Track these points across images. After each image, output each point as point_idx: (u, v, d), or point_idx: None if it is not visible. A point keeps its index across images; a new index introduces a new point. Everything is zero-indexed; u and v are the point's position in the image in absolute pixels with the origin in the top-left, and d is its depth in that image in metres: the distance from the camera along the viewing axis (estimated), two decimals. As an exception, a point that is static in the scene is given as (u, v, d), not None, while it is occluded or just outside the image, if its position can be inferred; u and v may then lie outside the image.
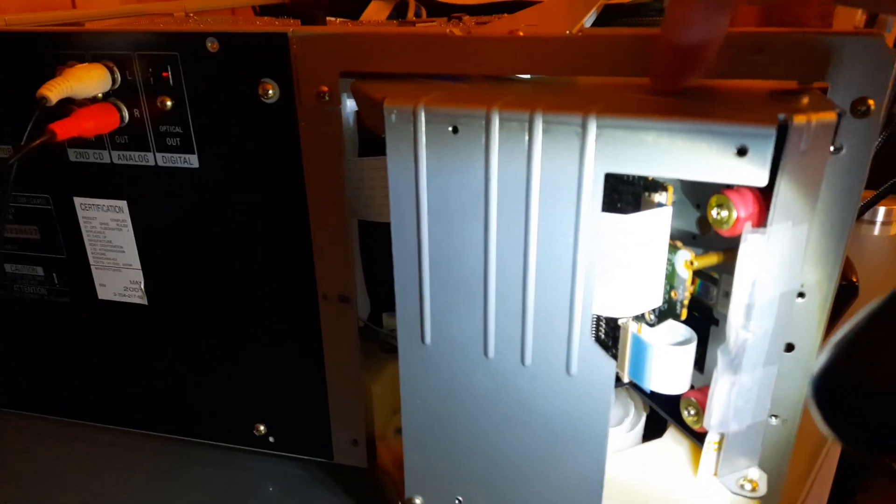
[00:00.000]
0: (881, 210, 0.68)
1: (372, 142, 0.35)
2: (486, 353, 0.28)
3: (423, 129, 0.26)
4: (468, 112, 0.25)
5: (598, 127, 0.23)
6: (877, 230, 0.69)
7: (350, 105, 0.35)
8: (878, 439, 0.20)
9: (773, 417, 0.29)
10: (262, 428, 0.40)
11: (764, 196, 0.23)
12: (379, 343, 0.42)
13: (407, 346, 0.30)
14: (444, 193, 0.26)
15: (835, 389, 0.20)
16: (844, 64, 0.24)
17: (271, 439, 0.40)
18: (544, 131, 0.24)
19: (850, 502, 0.79)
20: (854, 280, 0.43)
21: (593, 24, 0.43)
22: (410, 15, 0.59)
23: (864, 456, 0.23)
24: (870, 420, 0.20)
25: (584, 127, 0.23)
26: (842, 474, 0.51)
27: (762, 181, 0.21)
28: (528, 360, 0.28)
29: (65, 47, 0.33)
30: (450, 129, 0.25)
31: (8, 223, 0.39)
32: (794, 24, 0.29)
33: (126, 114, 0.34)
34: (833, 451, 0.43)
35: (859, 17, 0.60)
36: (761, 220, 0.23)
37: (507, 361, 0.28)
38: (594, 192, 0.24)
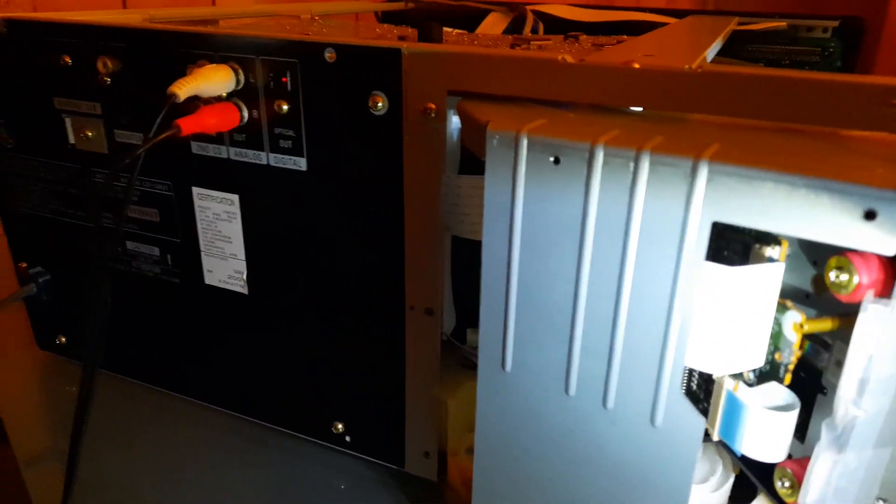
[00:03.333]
0: None
1: (473, 160, 0.35)
2: (567, 389, 0.27)
3: (524, 155, 0.25)
4: (572, 144, 0.24)
5: (710, 172, 0.22)
6: None
7: (455, 122, 0.35)
8: None
9: (881, 501, 0.26)
10: (340, 426, 0.41)
11: (891, 263, 0.21)
12: (460, 359, 0.42)
13: (487, 369, 0.30)
14: (538, 222, 0.26)
15: None
16: None
17: (347, 438, 0.41)
18: (650, 171, 0.23)
19: None
20: None
21: (719, 52, 0.40)
22: (527, 30, 0.59)
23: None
24: None
25: (693, 171, 0.22)
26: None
27: (891, 251, 0.19)
28: (611, 403, 0.26)
29: (197, 47, 0.36)
30: (551, 159, 0.25)
31: (133, 204, 0.42)
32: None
33: (245, 114, 0.36)
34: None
35: None
36: (886, 290, 0.21)
37: (588, 401, 0.27)
38: (698, 239, 0.22)
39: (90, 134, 0.41)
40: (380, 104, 0.32)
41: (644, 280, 0.24)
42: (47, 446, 0.44)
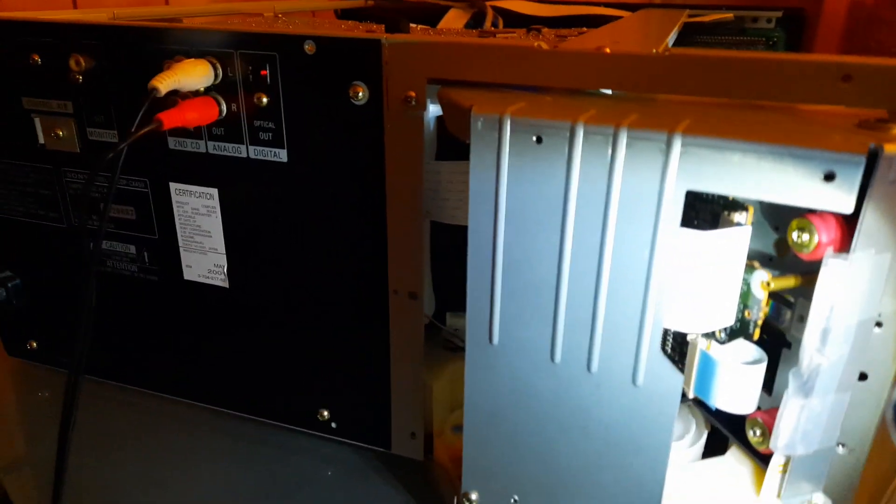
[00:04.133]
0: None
1: (450, 147, 0.36)
2: (552, 357, 0.29)
3: (508, 137, 0.27)
4: (553, 123, 0.26)
5: (683, 145, 0.23)
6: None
7: (432, 110, 0.36)
8: None
9: (841, 446, 0.28)
10: (325, 413, 0.42)
11: (847, 222, 0.23)
12: (441, 341, 0.43)
13: (474, 344, 0.31)
14: (522, 201, 0.27)
15: None
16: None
17: (334, 425, 0.42)
18: (628, 146, 0.24)
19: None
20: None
21: (674, 43, 0.43)
22: (488, 24, 0.61)
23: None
24: None
25: (668, 144, 0.24)
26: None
27: (848, 208, 0.21)
28: (595, 367, 0.28)
29: (174, 42, 0.36)
30: (534, 138, 0.26)
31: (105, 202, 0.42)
32: (877, 50, 0.29)
33: (224, 107, 0.36)
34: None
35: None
36: (843, 246, 0.23)
37: (573, 367, 0.29)
38: (674, 208, 0.24)
39: (61, 133, 0.41)
40: (360, 94, 0.33)
41: (624, 250, 0.26)
42: (24, 452, 0.43)
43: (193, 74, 0.34)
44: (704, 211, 0.27)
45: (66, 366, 0.33)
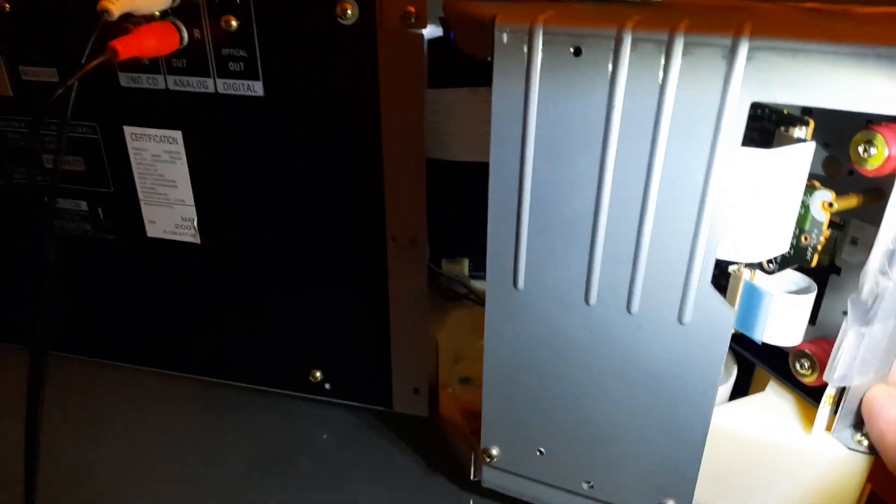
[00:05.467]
0: None
1: (443, 74, 0.32)
2: (587, 299, 0.26)
3: (539, 49, 0.23)
4: (595, 31, 0.22)
5: (751, 49, 0.21)
6: None
7: (426, 32, 0.32)
8: None
9: None
10: (318, 374, 0.39)
11: (923, 132, 0.21)
12: (439, 289, 0.40)
13: (496, 290, 0.28)
14: (556, 124, 0.24)
15: None
16: None
17: (327, 386, 0.39)
18: (684, 54, 0.21)
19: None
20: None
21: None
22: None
23: None
24: None
25: (733, 50, 0.21)
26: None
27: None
28: (636, 307, 0.26)
29: (119, -42, 0.30)
30: (571, 50, 0.23)
31: (46, 153, 0.36)
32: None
33: (186, 35, 0.31)
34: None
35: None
36: (915, 161, 0.21)
37: (611, 309, 0.26)
38: (736, 124, 0.22)
39: (-13, 73, 0.35)
40: (349, 12, 0.29)
41: (675, 173, 0.23)
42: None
43: (149, -7, 0.29)
44: (754, 129, 0.25)
45: (24, 342, 0.28)
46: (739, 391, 0.32)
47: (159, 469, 0.36)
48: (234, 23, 0.30)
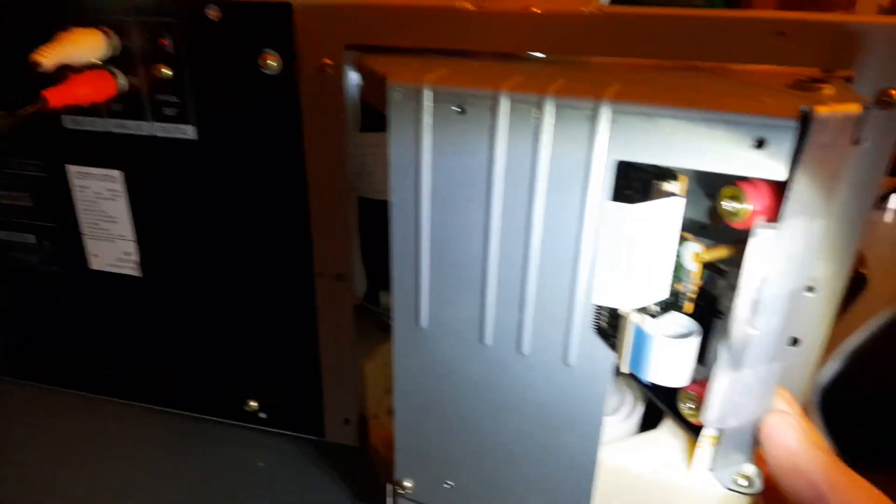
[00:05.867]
0: (894, 196, 0.64)
1: (375, 117, 0.34)
2: (482, 339, 0.28)
3: (428, 107, 0.25)
4: (476, 92, 0.24)
5: (613, 112, 0.22)
6: (889, 217, 0.64)
7: (353, 78, 0.34)
8: (877, 455, 0.19)
9: (772, 414, 0.28)
10: (253, 404, 0.40)
11: (779, 189, 0.23)
12: (375, 322, 0.41)
13: (402, 328, 0.29)
14: (446, 175, 0.26)
15: (841, 401, 0.19)
16: (871, 52, 0.23)
17: (262, 415, 0.40)
18: (557, 115, 0.23)
19: None
20: (863, 271, 0.42)
21: (612, 2, 0.41)
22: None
23: (860, 469, 0.23)
24: (871, 435, 0.19)
25: (596, 112, 0.22)
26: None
27: (780, 175, 0.21)
28: (526, 348, 0.27)
29: (65, 12, 0.32)
30: (456, 109, 0.24)
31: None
32: (816, 7, 0.28)
33: (123, 81, 0.33)
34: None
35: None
36: (775, 214, 0.23)
37: (504, 349, 0.28)
38: (603, 180, 0.23)
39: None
40: (272, 63, 0.31)
41: (552, 224, 0.25)
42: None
43: (83, 45, 0.31)
44: (635, 180, 0.26)
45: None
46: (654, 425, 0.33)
47: (90, 495, 0.37)
48: (167, 71, 0.32)
